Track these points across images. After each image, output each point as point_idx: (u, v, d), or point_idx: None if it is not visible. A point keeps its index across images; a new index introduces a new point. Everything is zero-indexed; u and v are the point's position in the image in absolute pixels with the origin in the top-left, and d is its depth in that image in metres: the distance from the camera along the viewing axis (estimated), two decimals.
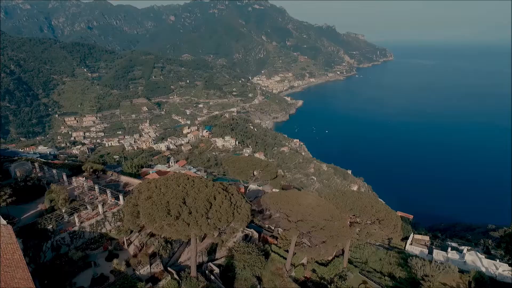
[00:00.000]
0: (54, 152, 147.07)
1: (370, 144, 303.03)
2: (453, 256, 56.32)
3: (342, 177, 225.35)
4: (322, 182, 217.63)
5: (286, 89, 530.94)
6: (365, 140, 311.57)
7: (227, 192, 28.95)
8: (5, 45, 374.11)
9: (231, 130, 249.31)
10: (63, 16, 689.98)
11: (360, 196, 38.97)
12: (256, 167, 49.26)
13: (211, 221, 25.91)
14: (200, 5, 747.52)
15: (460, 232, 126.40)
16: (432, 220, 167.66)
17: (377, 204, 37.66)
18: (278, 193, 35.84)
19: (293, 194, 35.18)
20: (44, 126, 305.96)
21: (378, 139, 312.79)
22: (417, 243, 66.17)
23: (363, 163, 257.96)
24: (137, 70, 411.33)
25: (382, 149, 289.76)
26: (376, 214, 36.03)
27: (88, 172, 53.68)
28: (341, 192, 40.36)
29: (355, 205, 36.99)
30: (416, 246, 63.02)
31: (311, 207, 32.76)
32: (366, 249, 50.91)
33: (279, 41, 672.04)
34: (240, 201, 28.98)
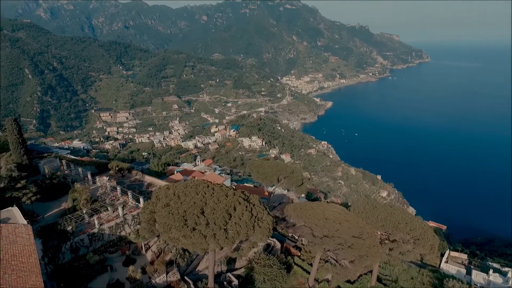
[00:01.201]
0: (87, 147, 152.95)
1: (402, 149, 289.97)
2: (496, 280, 51.21)
3: (371, 182, 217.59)
4: (349, 187, 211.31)
5: (315, 90, 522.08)
6: (397, 146, 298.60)
7: (248, 203, 27.17)
8: (49, 44, 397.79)
9: (258, 130, 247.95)
10: (102, 16, 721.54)
11: (393, 211, 35.75)
12: (281, 173, 47.18)
13: (229, 235, 24.26)
14: (232, 5, 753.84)
15: (500, 248, 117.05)
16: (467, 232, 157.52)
17: (412, 221, 34.31)
18: (303, 205, 33.57)
19: (319, 206, 32.77)
20: (81, 121, 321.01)
21: (411, 145, 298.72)
22: (453, 261, 61.19)
23: (393, 168, 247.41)
24: (169, 68, 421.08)
25: (415, 155, 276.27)
26: (411, 232, 32.76)
27: (114, 170, 54.08)
28: (372, 205, 37.31)
29: (387, 221, 33.93)
30: (453, 265, 58.20)
31: (338, 222, 30.26)
32: (397, 266, 47.27)
33: (310, 41, 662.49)
34: (262, 213, 27.10)
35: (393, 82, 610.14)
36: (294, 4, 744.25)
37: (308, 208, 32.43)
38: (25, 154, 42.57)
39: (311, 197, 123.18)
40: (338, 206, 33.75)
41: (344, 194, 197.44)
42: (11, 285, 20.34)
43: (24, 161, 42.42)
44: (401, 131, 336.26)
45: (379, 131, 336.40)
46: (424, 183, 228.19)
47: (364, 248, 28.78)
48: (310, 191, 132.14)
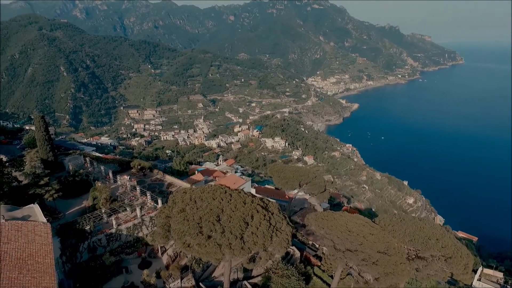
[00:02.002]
0: (114, 143, 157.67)
1: (431, 155, 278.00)
2: None
3: (396, 188, 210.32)
4: (374, 192, 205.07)
5: (341, 91, 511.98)
6: (425, 151, 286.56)
7: (266, 211, 25.92)
8: (83, 42, 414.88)
9: (281, 131, 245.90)
10: (133, 16, 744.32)
11: (423, 225, 33.22)
12: (303, 179, 45.55)
13: (245, 245, 23.11)
14: (259, 5, 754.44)
15: None
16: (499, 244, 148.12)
17: (444, 237, 31.69)
18: (325, 215, 31.86)
19: (341, 217, 30.94)
20: (110, 117, 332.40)
21: (440, 151, 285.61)
22: (487, 279, 56.96)
23: (421, 174, 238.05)
24: (196, 68, 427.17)
25: (444, 161, 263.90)
26: (442, 250, 30.22)
27: (135, 168, 54.52)
28: (399, 217, 34.93)
29: (415, 236, 31.52)
30: (487, 284, 54.13)
31: (362, 235, 28.35)
32: (424, 282, 44.38)
33: (337, 41, 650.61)
34: (281, 223, 25.76)
35: (423, 84, 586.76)
36: (322, 4, 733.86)
37: (330, 218, 30.70)
38: (51, 150, 43.58)
39: (333, 201, 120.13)
40: (362, 217, 31.77)
41: (368, 199, 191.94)
42: (24, 287, 20.25)
43: (49, 157, 43.43)
44: (430, 136, 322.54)
45: (407, 135, 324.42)
46: (454, 191, 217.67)
47: (390, 265, 26.74)
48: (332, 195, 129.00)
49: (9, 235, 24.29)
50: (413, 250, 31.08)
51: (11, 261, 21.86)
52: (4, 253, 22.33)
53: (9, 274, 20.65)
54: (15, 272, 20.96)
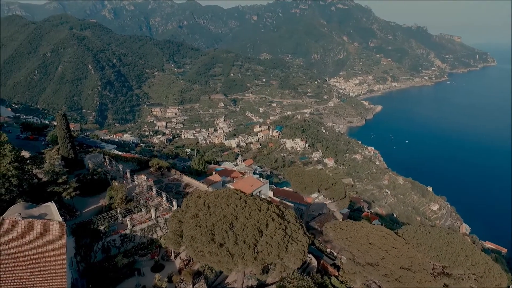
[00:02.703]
0: (136, 141, 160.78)
1: (458, 161, 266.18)
2: None
3: (420, 194, 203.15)
4: (396, 197, 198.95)
5: (364, 93, 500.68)
6: (452, 156, 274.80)
7: (282, 220, 24.75)
8: (111, 42, 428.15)
9: (301, 132, 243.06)
10: (159, 16, 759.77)
11: (451, 239, 30.96)
12: (322, 184, 43.96)
13: (259, 255, 22.07)
14: (282, 5, 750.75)
15: None
16: None
17: (474, 254, 29.37)
18: (345, 225, 30.26)
19: (362, 228, 29.24)
20: (134, 114, 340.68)
21: (468, 157, 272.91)
22: None
23: (447, 181, 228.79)
24: (218, 67, 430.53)
25: (472, 168, 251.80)
26: (473, 268, 27.96)
27: (154, 168, 54.72)
28: (425, 230, 32.76)
29: (443, 251, 29.37)
30: None
31: (384, 249, 26.62)
32: None
33: (361, 42, 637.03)
34: (297, 232, 24.52)
35: (451, 87, 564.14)
36: (346, 4, 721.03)
37: (350, 229, 29.10)
38: (72, 148, 44.31)
39: (353, 206, 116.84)
40: (385, 229, 29.93)
41: (389, 205, 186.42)
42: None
43: (70, 155, 44.16)
44: (458, 141, 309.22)
45: (433, 140, 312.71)
46: (482, 199, 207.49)
47: (414, 283, 24.90)
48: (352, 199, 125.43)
49: (24, 234, 24.43)
50: (440, 267, 28.96)
51: (24, 260, 21.87)
52: (18, 252, 22.40)
53: (21, 274, 20.60)
54: (27, 272, 20.91)
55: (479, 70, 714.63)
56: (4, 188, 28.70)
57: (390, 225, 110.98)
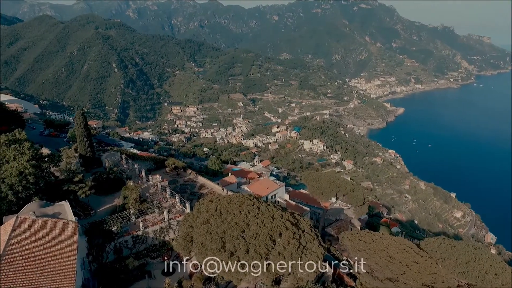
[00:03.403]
0: (155, 139, 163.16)
1: (484, 167, 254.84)
2: None
3: (443, 200, 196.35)
4: (417, 203, 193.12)
5: (386, 95, 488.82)
6: (478, 162, 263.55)
7: (297, 228, 23.64)
8: (134, 41, 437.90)
9: (320, 134, 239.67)
10: (181, 16, 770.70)
11: (478, 254, 28.81)
12: (340, 190, 42.39)
13: (270, 266, 21.08)
14: (303, 4, 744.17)
15: None
16: None
17: (505, 272, 27.17)
18: (363, 235, 28.76)
19: (381, 240, 27.65)
20: (155, 112, 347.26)
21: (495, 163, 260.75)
22: None
23: (471, 187, 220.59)
24: (237, 67, 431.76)
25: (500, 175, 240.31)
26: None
27: (170, 167, 54.69)
28: (450, 244, 30.69)
29: (469, 268, 27.34)
30: None
31: (405, 263, 25.00)
32: None
33: (384, 42, 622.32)
34: (312, 243, 23.35)
35: (479, 89, 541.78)
36: (369, 3, 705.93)
37: (368, 240, 27.59)
38: (89, 146, 44.80)
39: (372, 211, 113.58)
40: (406, 241, 28.20)
41: (410, 210, 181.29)
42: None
43: (87, 153, 44.67)
44: (485, 146, 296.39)
45: (458, 144, 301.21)
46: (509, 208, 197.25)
47: None
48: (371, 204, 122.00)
49: (37, 233, 24.48)
50: (465, 285, 26.99)
51: (34, 260, 21.82)
52: (29, 251, 22.40)
53: (31, 275, 20.50)
54: (36, 273, 20.80)
55: (509, 72, 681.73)
56: (21, 185, 29.06)
57: (410, 232, 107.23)
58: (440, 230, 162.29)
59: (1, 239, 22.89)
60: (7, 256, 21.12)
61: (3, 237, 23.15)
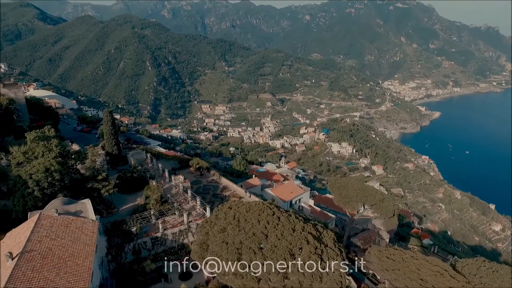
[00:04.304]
0: (183, 137, 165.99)
1: None
2: None
3: (480, 211, 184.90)
4: (452, 213, 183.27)
5: (421, 98, 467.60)
6: None
7: (319, 243, 22.08)
8: (167, 40, 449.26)
9: (349, 136, 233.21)
10: (213, 16, 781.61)
11: None
12: (368, 199, 39.99)
13: (288, 283, 19.72)
14: (337, 4, 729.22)
15: None
16: None
17: None
18: (392, 253, 26.57)
19: (413, 260, 25.33)
20: (185, 110, 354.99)
21: None
22: None
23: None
24: (267, 66, 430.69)
25: None
26: None
27: (194, 167, 54.67)
28: (491, 267, 27.72)
29: None
30: None
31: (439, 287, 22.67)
32: None
33: (420, 43, 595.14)
34: (335, 259, 21.68)
35: None
36: (406, 3, 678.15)
37: (397, 259, 25.40)
38: (116, 144, 45.57)
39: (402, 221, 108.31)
40: (441, 263, 25.69)
41: (443, 220, 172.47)
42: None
43: (114, 151, 45.45)
44: None
45: (498, 152, 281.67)
46: None
47: None
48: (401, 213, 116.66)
49: (58, 231, 24.69)
50: None
51: (52, 259, 21.90)
52: (48, 250, 22.55)
53: (47, 274, 20.53)
54: (53, 273, 20.80)
55: None
56: (47, 182, 29.70)
57: (443, 245, 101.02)
58: (477, 243, 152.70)
59: (23, 236, 23.31)
60: (26, 254, 21.36)
61: (25, 233, 23.56)
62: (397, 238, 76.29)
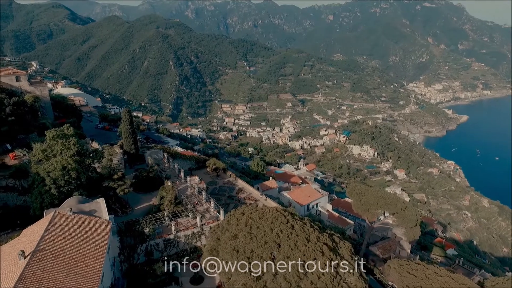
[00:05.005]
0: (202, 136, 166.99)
1: None
2: None
3: (510, 221, 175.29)
4: (478, 221, 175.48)
5: (448, 100, 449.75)
6: None
7: (334, 255, 20.89)
8: (190, 40, 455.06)
9: (371, 139, 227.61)
10: (236, 16, 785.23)
11: None
12: (389, 208, 38.09)
13: None
14: (361, 4, 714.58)
15: None
16: None
17: None
18: (413, 268, 24.92)
19: (436, 277, 23.57)
20: (206, 109, 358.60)
21: None
22: None
23: None
24: (289, 67, 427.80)
25: None
26: None
27: (210, 168, 54.43)
28: None
29: None
30: None
31: None
32: None
33: (448, 44, 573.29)
34: (352, 274, 20.44)
35: None
36: (434, 2, 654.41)
37: (420, 275, 23.75)
38: (134, 143, 45.88)
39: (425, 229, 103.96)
40: (467, 280, 23.83)
41: (469, 229, 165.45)
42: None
43: (132, 150, 45.79)
44: None
45: None
46: None
47: None
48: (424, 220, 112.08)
49: (71, 231, 24.75)
50: None
51: (63, 260, 21.88)
52: (60, 250, 22.57)
53: (57, 275, 20.47)
54: (63, 274, 20.73)
55: None
56: (63, 180, 30.03)
57: (468, 256, 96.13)
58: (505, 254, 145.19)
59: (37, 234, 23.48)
60: (38, 253, 21.42)
61: (39, 231, 23.74)
62: (419, 247, 73.06)
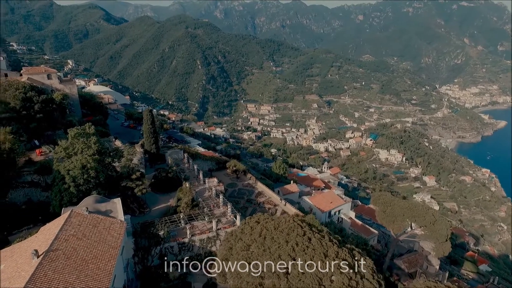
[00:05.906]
0: (226, 135, 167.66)
1: None
2: None
3: None
4: None
5: (484, 105, 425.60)
6: None
7: (354, 273, 19.32)
8: (218, 40, 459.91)
9: (399, 143, 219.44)
10: (264, 16, 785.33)
11: None
12: (417, 220, 35.45)
13: None
14: (393, 4, 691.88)
15: None
16: None
17: None
18: None
19: None
20: (231, 109, 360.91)
21: None
22: None
23: None
24: (316, 67, 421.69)
25: None
26: None
27: (230, 169, 53.85)
28: None
29: None
30: None
31: None
32: None
33: (487, 45, 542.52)
34: None
35: None
36: (473, 2, 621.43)
37: None
38: (154, 143, 46.07)
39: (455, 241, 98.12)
40: None
41: (504, 243, 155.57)
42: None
43: (152, 149, 45.99)
44: None
45: None
46: None
47: None
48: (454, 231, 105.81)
49: (85, 231, 24.69)
50: None
51: (75, 261, 21.75)
52: (73, 250, 22.49)
53: (68, 276, 20.30)
54: (73, 275, 20.56)
55: None
56: (82, 178, 30.30)
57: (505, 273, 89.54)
58: None
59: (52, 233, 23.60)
60: (51, 253, 21.39)
61: (54, 230, 23.84)
62: (448, 261, 68.68)
